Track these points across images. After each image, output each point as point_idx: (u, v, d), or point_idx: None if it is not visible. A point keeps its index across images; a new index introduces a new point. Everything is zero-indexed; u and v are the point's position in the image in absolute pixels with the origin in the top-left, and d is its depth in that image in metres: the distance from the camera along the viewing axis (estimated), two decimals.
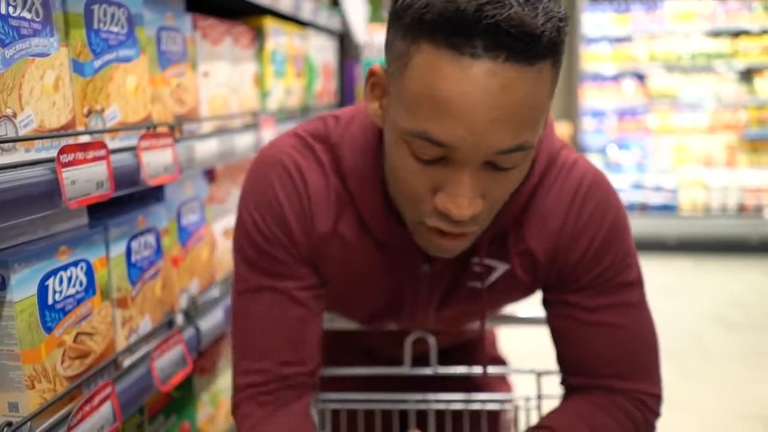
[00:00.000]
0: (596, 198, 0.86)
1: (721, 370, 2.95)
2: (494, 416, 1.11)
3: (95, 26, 0.90)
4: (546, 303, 0.93)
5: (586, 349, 0.89)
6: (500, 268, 0.88)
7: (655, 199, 4.96)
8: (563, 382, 0.95)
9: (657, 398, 0.90)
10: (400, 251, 0.87)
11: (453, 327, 1.04)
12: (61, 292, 0.85)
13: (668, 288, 3.98)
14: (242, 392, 0.89)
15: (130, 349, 1.03)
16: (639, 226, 0.97)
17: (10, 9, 0.74)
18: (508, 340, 1.37)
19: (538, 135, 0.70)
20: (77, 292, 0.89)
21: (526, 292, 0.94)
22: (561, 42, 0.66)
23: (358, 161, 0.84)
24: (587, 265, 0.86)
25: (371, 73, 0.77)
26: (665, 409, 0.93)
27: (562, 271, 0.88)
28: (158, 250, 1.11)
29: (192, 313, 1.23)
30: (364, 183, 0.84)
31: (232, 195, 1.49)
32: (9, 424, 0.78)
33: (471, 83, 0.63)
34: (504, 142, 0.66)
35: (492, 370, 1.10)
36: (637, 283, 0.89)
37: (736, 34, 5.01)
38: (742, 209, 4.85)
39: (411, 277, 0.91)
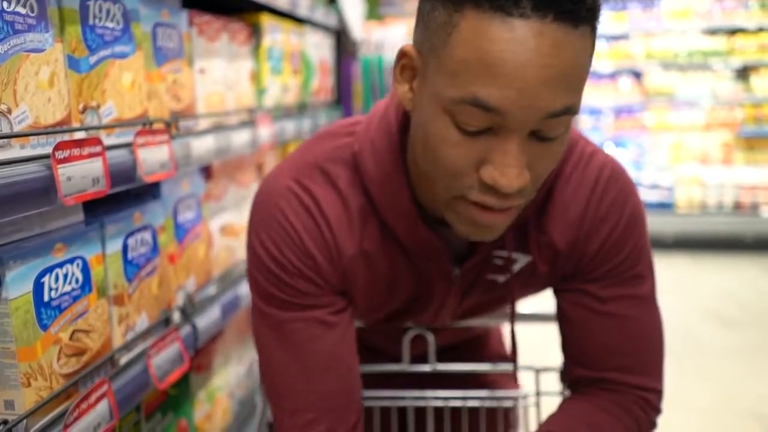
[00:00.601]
0: (616, 188, 0.85)
1: (717, 367, 2.96)
2: (493, 413, 1.11)
3: (90, 22, 0.90)
4: (559, 291, 0.93)
5: (594, 339, 0.89)
6: (522, 260, 0.88)
7: (652, 196, 4.97)
8: (565, 374, 0.95)
9: (659, 394, 0.90)
10: (429, 258, 0.86)
11: (469, 320, 1.04)
12: (57, 289, 0.85)
13: (665, 285, 3.96)
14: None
15: (126, 347, 1.02)
16: None
17: (5, 4, 0.74)
18: (508, 337, 1.36)
19: (581, 100, 0.69)
20: (73, 290, 0.88)
21: (543, 284, 0.93)
22: (599, 9, 0.66)
23: (382, 166, 0.82)
24: (605, 255, 0.86)
25: (402, 54, 0.74)
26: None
27: (581, 261, 0.87)
28: (155, 248, 1.11)
29: (189, 311, 1.23)
30: (389, 187, 0.82)
31: (228, 192, 1.49)
32: (5, 422, 0.77)
33: (521, 43, 0.62)
34: (555, 103, 0.64)
35: (490, 366, 1.10)
36: (650, 277, 0.89)
37: (733, 31, 5.02)
38: (738, 207, 4.87)
39: (441, 280, 0.89)
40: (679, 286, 4.04)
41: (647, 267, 0.89)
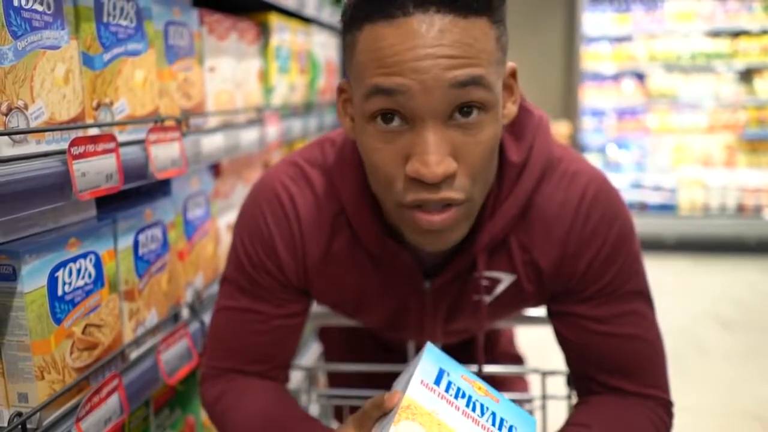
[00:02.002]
0: (602, 206, 0.84)
1: (718, 369, 2.96)
2: None
3: (105, 20, 0.91)
4: (552, 314, 0.92)
5: (596, 359, 0.87)
6: (506, 280, 0.87)
7: (654, 198, 4.98)
8: (575, 385, 0.94)
9: (671, 405, 0.90)
10: (399, 270, 0.87)
11: (462, 337, 1.03)
12: (70, 283, 0.85)
13: (666, 287, 3.99)
14: (210, 369, 0.96)
15: (136, 342, 1.03)
16: (638, 225, 0.99)
17: (23, 1, 0.75)
18: (519, 337, 1.37)
19: (495, 82, 0.70)
20: (86, 284, 0.89)
21: (532, 303, 0.93)
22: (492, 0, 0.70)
23: (350, 180, 0.86)
24: (595, 274, 0.85)
25: (340, 90, 0.81)
26: None
27: (570, 281, 0.86)
28: (165, 244, 1.12)
29: (197, 307, 1.24)
30: (357, 201, 0.85)
31: (236, 190, 1.49)
32: (19, 414, 0.78)
33: (406, 33, 0.67)
34: (451, 74, 0.67)
35: (497, 368, 1.11)
36: (645, 291, 0.88)
37: (736, 34, 5.02)
38: (740, 209, 4.87)
39: (413, 295, 0.91)
40: (681, 288, 4.04)
41: (642, 281, 0.88)
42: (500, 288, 0.88)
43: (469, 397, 0.73)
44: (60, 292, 0.83)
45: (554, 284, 0.88)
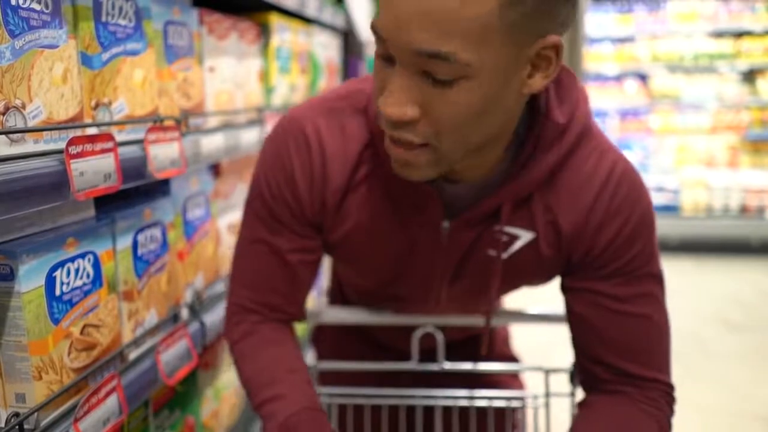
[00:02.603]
0: (630, 183, 0.86)
1: (722, 369, 2.95)
2: (501, 413, 1.11)
3: (103, 19, 0.90)
4: (569, 290, 0.92)
5: (613, 338, 0.89)
6: (524, 237, 0.88)
7: (658, 199, 4.96)
8: (580, 373, 0.94)
9: (674, 390, 0.91)
10: (420, 205, 0.88)
11: (459, 307, 1.03)
12: (68, 283, 0.85)
13: (670, 288, 3.93)
14: (234, 306, 0.99)
15: (135, 342, 1.03)
16: None
17: (20, 0, 0.74)
18: (516, 337, 1.37)
19: (475, 56, 0.67)
20: (84, 284, 0.89)
21: (546, 271, 0.93)
22: None
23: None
24: (617, 250, 0.86)
25: None
26: None
27: (589, 253, 0.88)
28: (164, 244, 1.11)
29: (197, 308, 1.24)
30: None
31: (237, 190, 1.49)
32: (16, 414, 0.78)
33: None
34: (425, 42, 0.66)
35: (499, 366, 1.10)
36: (661, 275, 0.90)
37: (739, 34, 5.01)
38: (744, 210, 4.85)
39: (429, 234, 0.90)
40: (685, 289, 4.03)
41: (658, 265, 0.90)
42: (517, 245, 0.89)
43: None
44: (58, 292, 0.83)
45: (572, 252, 0.89)
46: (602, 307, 0.88)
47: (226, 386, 1.53)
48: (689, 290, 4.03)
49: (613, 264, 0.87)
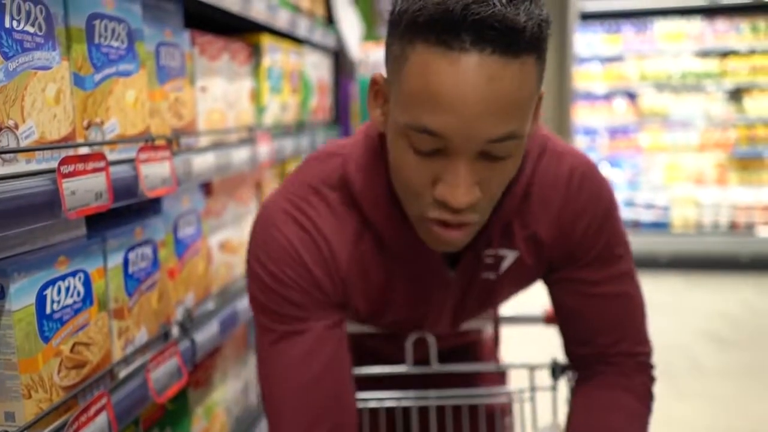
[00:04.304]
0: (590, 181, 0.92)
1: (712, 386, 2.96)
2: (491, 409, 1.16)
3: (96, 41, 0.92)
4: (551, 283, 0.99)
5: (591, 319, 0.96)
6: (510, 256, 0.93)
7: (647, 216, 5.00)
8: (567, 355, 1.02)
9: (650, 354, 0.99)
10: (423, 264, 0.91)
11: (465, 323, 1.08)
12: (59, 302, 0.86)
13: (660, 305, 3.99)
14: None
15: (125, 360, 1.03)
16: (631, 243, 1.01)
17: (14, 23, 0.76)
18: (503, 336, 1.41)
19: (527, 126, 0.74)
20: (75, 302, 0.89)
21: (531, 277, 0.99)
22: (543, 39, 0.71)
23: (370, 183, 0.88)
24: (589, 242, 0.93)
25: (374, 82, 0.82)
26: (655, 425, 0.99)
27: (567, 249, 0.94)
28: (155, 262, 1.12)
29: (187, 326, 1.24)
30: (378, 202, 0.88)
31: (228, 209, 1.50)
32: None
33: (461, 75, 0.68)
34: (493, 131, 0.70)
35: (488, 366, 1.17)
36: (629, 254, 0.97)
37: (725, 54, 5.09)
38: (733, 227, 4.89)
39: (439, 285, 0.94)
40: (675, 306, 4.05)
41: (626, 246, 0.96)
42: (505, 264, 0.94)
43: None
44: (48, 311, 0.84)
45: (553, 254, 0.94)
46: (583, 293, 0.95)
47: (216, 404, 1.52)
48: (679, 306, 4.04)
49: (588, 254, 0.93)
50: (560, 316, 1.00)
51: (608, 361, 0.97)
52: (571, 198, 0.91)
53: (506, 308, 1.19)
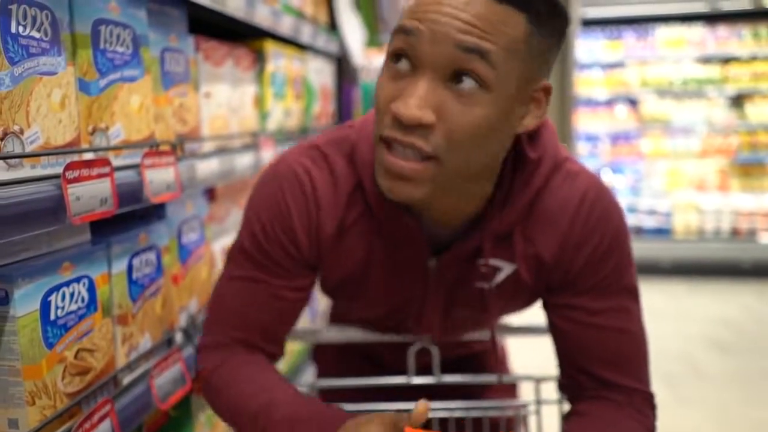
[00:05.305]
0: (602, 204, 0.90)
1: (713, 393, 2.95)
2: (496, 422, 1.14)
3: (101, 46, 0.92)
4: (549, 306, 0.96)
5: (589, 350, 0.92)
6: (506, 269, 0.92)
7: (649, 222, 5.00)
8: (564, 381, 0.98)
9: (653, 397, 0.94)
10: (407, 243, 0.91)
11: (460, 334, 1.06)
12: (63, 307, 0.85)
13: (662, 311, 3.99)
14: (209, 344, 1.01)
15: (129, 367, 1.03)
16: (633, 249, 1.01)
17: (20, 28, 0.76)
18: (508, 353, 1.39)
19: (501, 67, 0.74)
20: (79, 308, 0.89)
21: (529, 296, 0.96)
22: (539, 6, 0.74)
23: (370, 151, 0.89)
24: (593, 268, 0.90)
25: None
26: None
27: (568, 273, 0.91)
28: (159, 268, 1.12)
29: (191, 332, 1.23)
30: (374, 170, 0.87)
31: (231, 214, 1.50)
32: None
33: None
34: (461, 37, 0.72)
35: (492, 377, 1.13)
36: (636, 290, 0.94)
37: (726, 60, 5.10)
38: (735, 233, 4.89)
39: (417, 273, 0.93)
40: (677, 311, 4.04)
41: (634, 280, 0.93)
42: (500, 276, 0.92)
43: None
44: (53, 317, 0.83)
45: (552, 275, 0.92)
46: (581, 321, 0.92)
47: None
48: (681, 312, 4.04)
49: (590, 280, 0.91)
50: (555, 340, 0.98)
51: (607, 389, 0.93)
52: (579, 220, 0.89)
53: (511, 318, 1.17)
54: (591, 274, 0.91)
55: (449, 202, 0.86)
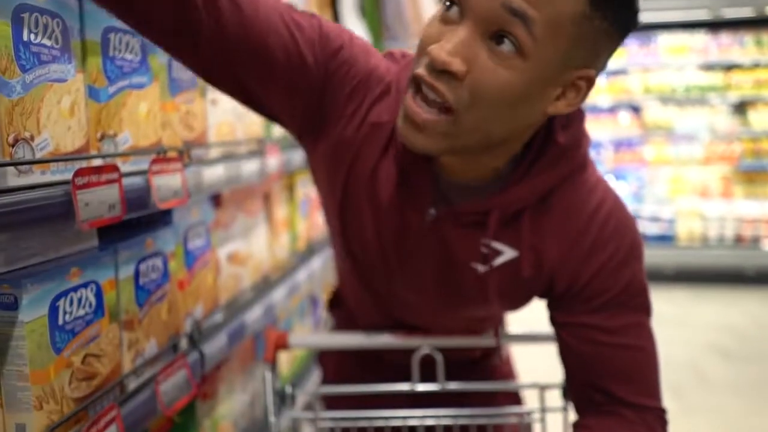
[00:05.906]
0: (620, 215, 0.90)
1: (717, 399, 2.94)
2: (500, 430, 1.13)
3: (111, 54, 0.93)
4: (560, 324, 0.94)
5: (602, 368, 0.90)
6: (507, 254, 0.90)
7: (653, 229, 4.99)
8: (573, 395, 0.96)
9: (665, 413, 0.93)
10: (415, 186, 0.89)
11: (461, 328, 1.05)
12: (71, 313, 0.86)
13: (666, 318, 3.98)
14: None
15: (135, 372, 1.03)
16: None
17: (32, 36, 0.77)
18: (514, 358, 1.39)
19: (543, 40, 0.72)
20: (86, 314, 0.89)
21: (525, 292, 0.94)
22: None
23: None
24: (604, 283, 0.88)
25: None
26: None
27: (576, 283, 0.89)
28: (165, 274, 1.12)
29: (196, 338, 1.24)
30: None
31: (236, 220, 1.50)
32: None
33: None
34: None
35: (497, 385, 1.14)
36: (650, 305, 0.92)
37: (729, 67, 5.11)
38: (739, 240, 4.88)
39: (417, 220, 0.91)
40: (680, 319, 4.03)
41: (645, 298, 0.92)
42: (499, 260, 0.90)
43: None
44: (60, 322, 0.84)
45: (555, 280, 0.90)
46: (596, 341, 0.90)
47: (223, 417, 1.52)
48: (684, 320, 4.03)
49: (602, 297, 0.89)
50: (564, 357, 0.95)
51: (618, 405, 0.91)
52: (592, 229, 0.88)
53: (515, 325, 1.16)
54: (602, 290, 0.88)
55: (458, 165, 0.85)
